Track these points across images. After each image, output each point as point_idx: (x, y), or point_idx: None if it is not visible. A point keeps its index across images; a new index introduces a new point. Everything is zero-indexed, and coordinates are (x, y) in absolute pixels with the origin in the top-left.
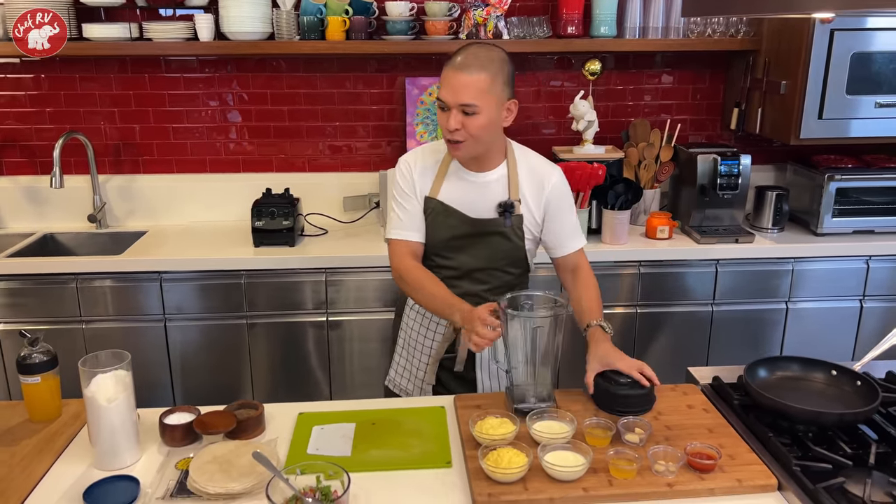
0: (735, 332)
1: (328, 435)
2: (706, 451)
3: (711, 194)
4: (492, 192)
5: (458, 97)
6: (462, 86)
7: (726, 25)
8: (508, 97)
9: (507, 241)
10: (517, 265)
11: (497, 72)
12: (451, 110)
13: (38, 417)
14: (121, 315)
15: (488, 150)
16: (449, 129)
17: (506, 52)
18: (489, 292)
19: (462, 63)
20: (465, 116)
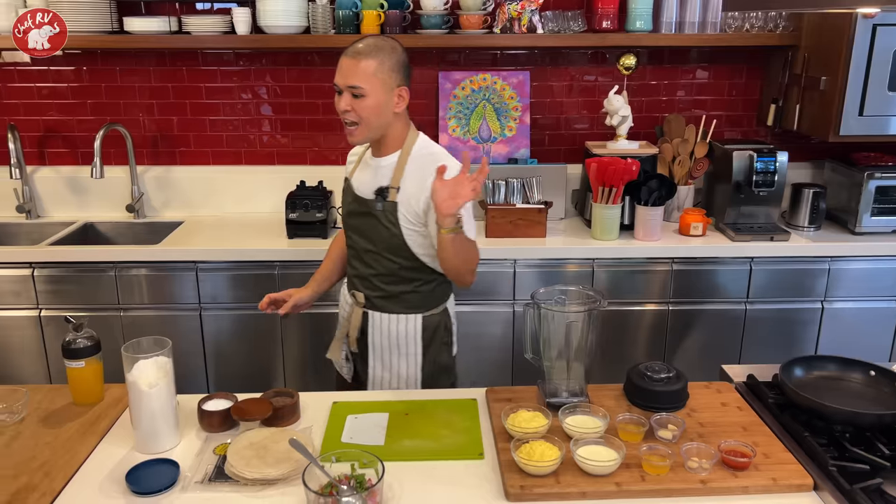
0: (768, 331)
1: (362, 424)
2: (741, 448)
3: (747, 191)
4: (380, 176)
5: (347, 80)
6: (350, 70)
7: (765, 20)
8: (398, 84)
9: (382, 225)
10: (398, 253)
11: (385, 58)
12: (343, 93)
13: (82, 401)
14: (157, 303)
15: (386, 136)
16: (340, 109)
17: (400, 44)
18: (376, 277)
19: (353, 50)
20: (355, 99)
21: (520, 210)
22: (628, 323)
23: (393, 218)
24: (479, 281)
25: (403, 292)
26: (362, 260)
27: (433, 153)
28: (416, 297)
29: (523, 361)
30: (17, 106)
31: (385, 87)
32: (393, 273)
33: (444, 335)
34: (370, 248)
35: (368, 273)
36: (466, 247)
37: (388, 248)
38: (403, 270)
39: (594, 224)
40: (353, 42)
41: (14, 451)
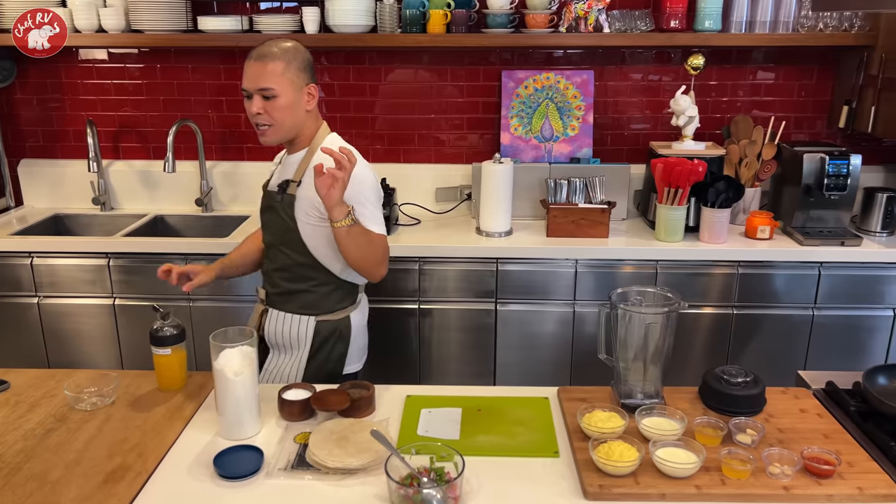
0: (836, 338)
1: (436, 418)
2: (824, 456)
3: (817, 194)
4: (287, 172)
5: (256, 83)
6: (259, 73)
7: (839, 20)
8: (307, 82)
9: (280, 218)
10: (293, 248)
11: (291, 59)
12: (253, 96)
13: (167, 387)
14: (223, 295)
15: (298, 135)
16: (252, 113)
17: (300, 44)
18: (275, 273)
19: (258, 54)
20: (266, 101)
21: (582, 210)
22: (692, 326)
23: (290, 211)
24: (538, 280)
25: (299, 290)
26: (267, 255)
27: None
28: (310, 297)
29: (582, 361)
30: (94, 102)
31: (294, 87)
32: (288, 268)
33: (339, 345)
34: (272, 242)
35: (270, 268)
36: (365, 239)
37: (284, 242)
38: (299, 267)
39: (658, 225)
40: (255, 47)
41: (107, 432)
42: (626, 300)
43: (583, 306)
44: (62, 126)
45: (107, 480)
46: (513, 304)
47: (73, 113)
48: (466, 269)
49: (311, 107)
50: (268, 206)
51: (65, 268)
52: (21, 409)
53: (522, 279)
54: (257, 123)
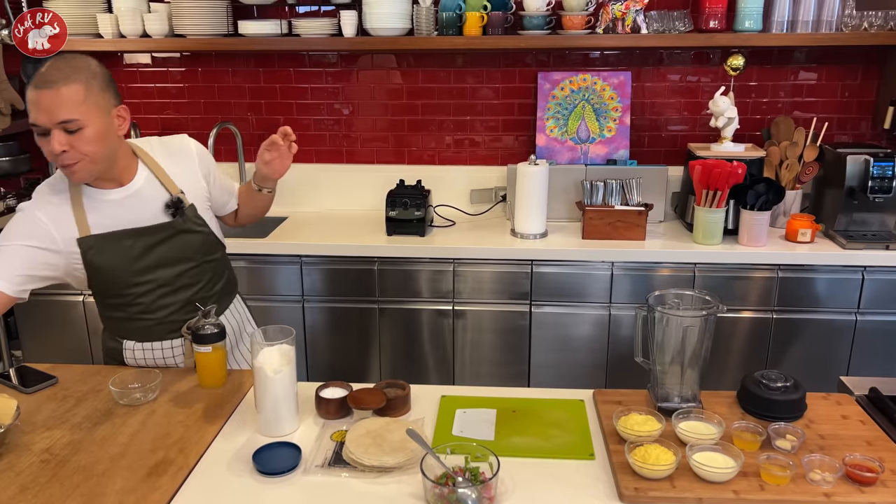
0: (880, 344)
1: (471, 418)
2: (867, 463)
3: (860, 197)
4: (148, 197)
5: (54, 116)
6: (54, 103)
7: (885, 19)
8: (115, 103)
9: (195, 234)
10: (214, 249)
11: (90, 78)
12: (52, 132)
13: (208, 384)
14: (262, 294)
15: (114, 164)
16: (55, 152)
17: (91, 57)
18: (205, 288)
19: (45, 80)
20: (70, 135)
21: (618, 212)
22: (730, 330)
23: (200, 220)
24: (573, 283)
25: (227, 279)
26: (181, 286)
27: (162, 140)
28: (230, 273)
29: (618, 364)
30: (138, 105)
31: (102, 111)
32: (215, 270)
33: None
34: (186, 268)
35: (194, 292)
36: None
37: (207, 251)
38: (220, 263)
39: (696, 228)
40: (38, 71)
41: (150, 427)
42: (664, 303)
43: (619, 309)
44: None
45: (150, 474)
46: (547, 307)
47: None
48: (501, 270)
49: (125, 130)
50: (168, 236)
51: None
52: (68, 403)
53: (557, 281)
54: (63, 163)
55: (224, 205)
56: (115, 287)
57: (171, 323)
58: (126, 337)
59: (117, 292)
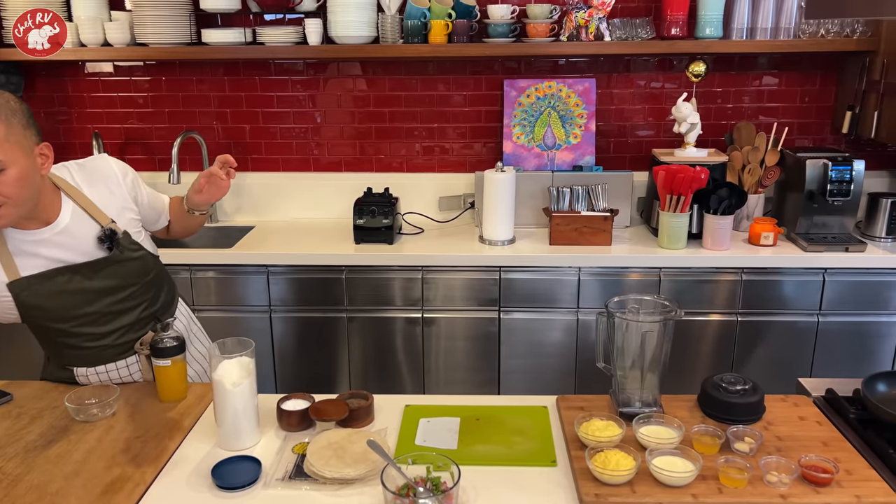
0: (842, 345)
1: (434, 428)
2: (822, 464)
3: (820, 200)
4: (77, 232)
5: None
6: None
7: (841, 25)
8: (37, 141)
9: (133, 260)
10: (152, 266)
11: (10, 116)
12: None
13: (168, 398)
14: (229, 305)
15: (37, 203)
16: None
17: (6, 91)
18: (150, 304)
19: None
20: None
21: (585, 217)
22: (695, 333)
23: (136, 245)
24: (541, 288)
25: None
26: (122, 311)
27: (82, 166)
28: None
29: (587, 369)
30: (100, 115)
31: (25, 152)
32: (155, 284)
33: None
34: (126, 294)
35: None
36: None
37: (144, 271)
38: (157, 276)
39: (661, 232)
40: None
41: (107, 443)
42: (624, 308)
43: (586, 314)
44: (69, 139)
45: (105, 492)
46: (516, 313)
47: (80, 125)
48: (470, 277)
49: (47, 170)
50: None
51: None
52: (23, 420)
53: (526, 287)
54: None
55: (154, 222)
56: (58, 322)
57: (121, 345)
58: (76, 364)
59: (59, 328)
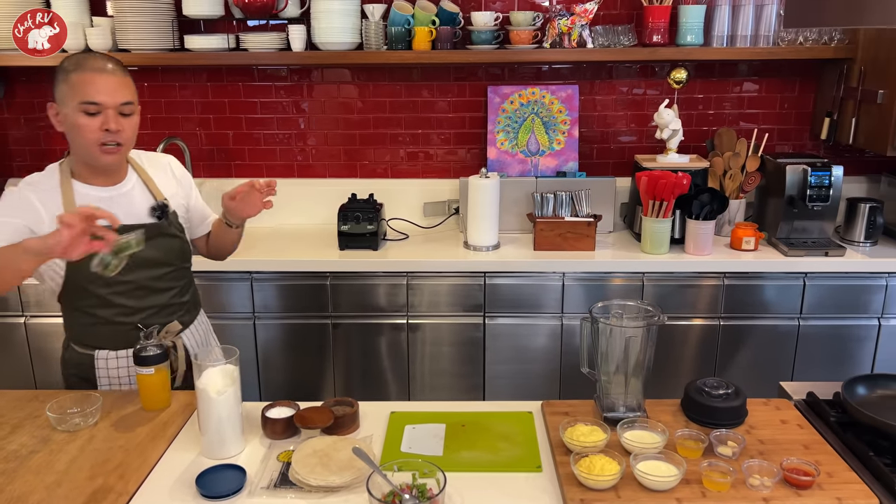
0: (822, 348)
1: (420, 434)
2: (804, 467)
3: (800, 206)
4: (136, 200)
5: (116, 97)
6: (118, 86)
7: (819, 33)
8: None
9: (174, 238)
10: (188, 257)
11: (127, 73)
12: (108, 111)
13: (151, 406)
14: (213, 312)
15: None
16: (111, 129)
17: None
18: (178, 294)
19: (100, 66)
20: (123, 118)
21: (568, 223)
22: (678, 338)
23: (179, 226)
24: (526, 294)
25: (193, 290)
26: (155, 289)
27: (147, 155)
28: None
29: (571, 374)
30: None
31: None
32: (187, 277)
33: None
34: (163, 272)
35: (168, 298)
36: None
37: (182, 258)
38: (188, 271)
39: (644, 238)
40: (80, 59)
41: (89, 453)
42: (608, 314)
43: (571, 319)
44: (50, 145)
45: (88, 502)
46: (501, 318)
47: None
48: (454, 283)
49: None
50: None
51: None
52: (3, 430)
53: (510, 293)
54: (108, 142)
55: (198, 225)
56: (94, 285)
57: (136, 329)
58: (98, 345)
59: (99, 293)
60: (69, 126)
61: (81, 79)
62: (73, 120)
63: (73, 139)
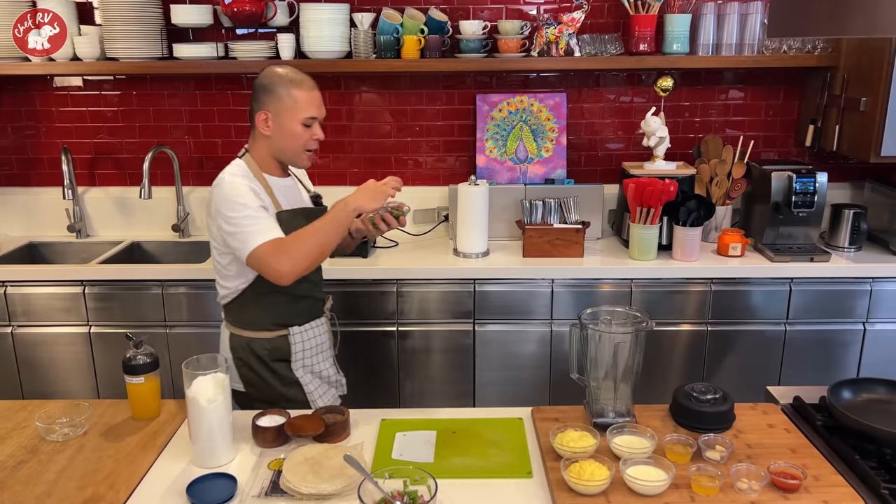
0: (809, 353)
1: (411, 441)
2: (791, 470)
3: (786, 212)
4: (297, 190)
5: (322, 110)
6: (321, 101)
7: (802, 41)
8: None
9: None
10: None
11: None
12: (317, 123)
13: (141, 416)
14: (201, 320)
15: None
16: (321, 139)
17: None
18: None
19: (312, 83)
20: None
21: (557, 230)
22: (666, 343)
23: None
24: (515, 300)
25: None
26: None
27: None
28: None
29: (561, 380)
30: (69, 129)
31: None
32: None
33: None
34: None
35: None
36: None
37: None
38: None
39: (632, 244)
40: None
41: (79, 463)
42: (597, 320)
43: (560, 325)
44: (37, 154)
45: None
46: (491, 325)
47: (48, 140)
48: (444, 290)
49: None
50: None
51: (39, 296)
52: None
53: (500, 300)
54: (311, 149)
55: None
56: None
57: (320, 301)
58: (291, 322)
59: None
60: (283, 133)
61: (304, 96)
62: (290, 130)
63: (282, 143)
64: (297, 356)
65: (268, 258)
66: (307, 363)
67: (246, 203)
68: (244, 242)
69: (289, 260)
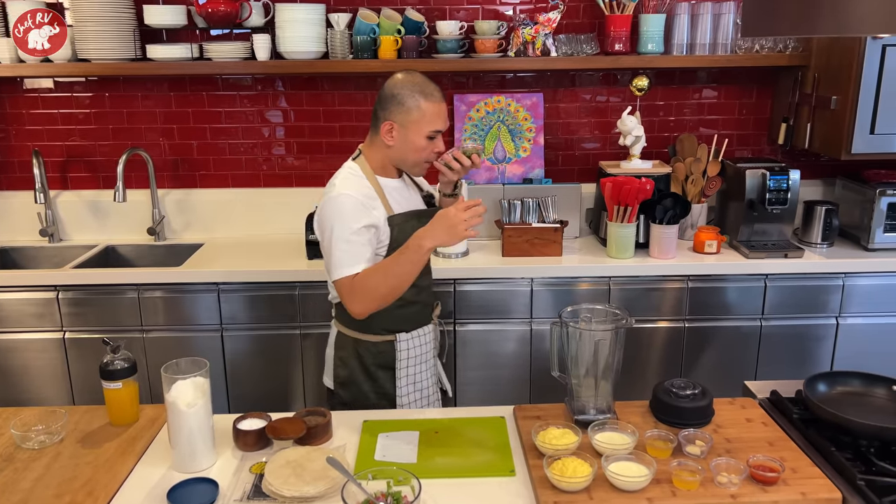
0: (784, 348)
1: (394, 442)
2: (769, 463)
3: (760, 209)
4: (413, 189)
5: (447, 122)
6: (446, 113)
7: (774, 41)
8: None
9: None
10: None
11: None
12: (440, 136)
13: (118, 421)
14: (179, 324)
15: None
16: (441, 152)
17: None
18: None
19: (441, 96)
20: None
21: (535, 229)
22: (645, 340)
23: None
24: (495, 300)
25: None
26: (427, 269)
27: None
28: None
29: (541, 378)
30: (40, 132)
31: None
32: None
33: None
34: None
35: (430, 281)
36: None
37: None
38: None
39: (609, 243)
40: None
41: (55, 471)
42: (577, 318)
43: (540, 324)
44: (7, 157)
45: None
46: (471, 324)
47: (19, 143)
48: None
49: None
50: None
51: (11, 302)
52: None
53: (480, 299)
54: (430, 161)
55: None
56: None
57: (426, 307)
58: (398, 329)
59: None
60: (406, 145)
61: (433, 109)
62: (414, 143)
63: (404, 154)
64: (402, 363)
65: (343, 294)
66: (411, 371)
67: (345, 224)
68: (330, 267)
69: (360, 302)
